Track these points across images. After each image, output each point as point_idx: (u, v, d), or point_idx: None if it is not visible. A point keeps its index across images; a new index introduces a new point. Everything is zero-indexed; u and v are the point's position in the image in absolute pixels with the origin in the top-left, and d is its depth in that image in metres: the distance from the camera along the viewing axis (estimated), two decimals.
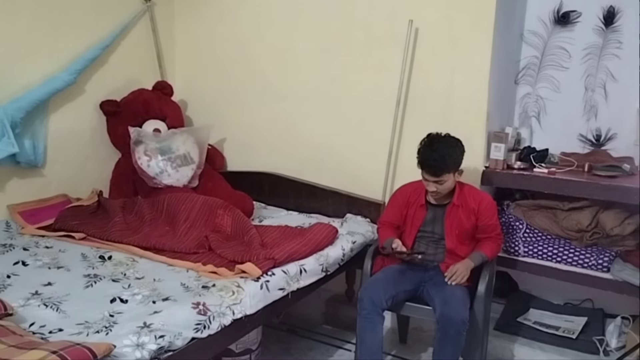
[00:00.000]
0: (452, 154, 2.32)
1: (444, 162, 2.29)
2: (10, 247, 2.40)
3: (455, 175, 2.36)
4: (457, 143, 2.37)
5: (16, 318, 1.73)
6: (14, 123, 2.60)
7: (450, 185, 2.37)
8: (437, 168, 2.29)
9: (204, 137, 3.26)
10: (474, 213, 2.42)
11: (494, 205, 2.49)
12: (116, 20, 3.14)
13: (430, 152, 2.30)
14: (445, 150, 2.30)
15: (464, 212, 2.42)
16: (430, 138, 2.35)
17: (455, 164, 2.33)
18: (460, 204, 2.42)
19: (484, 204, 2.44)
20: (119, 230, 2.57)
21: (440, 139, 2.35)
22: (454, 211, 2.43)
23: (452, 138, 2.37)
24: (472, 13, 2.70)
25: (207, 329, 1.85)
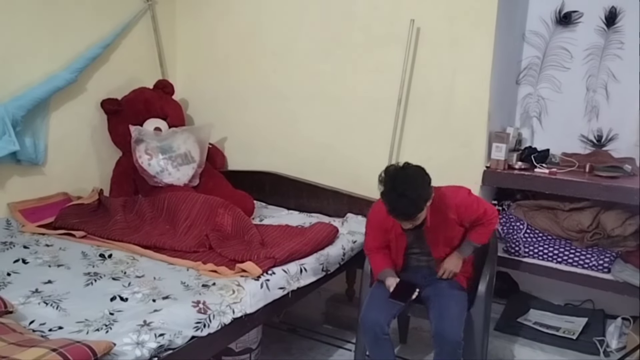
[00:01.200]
0: (422, 194, 2.05)
1: (416, 207, 2.04)
2: (10, 245, 2.40)
3: (429, 203, 2.10)
4: (422, 177, 2.08)
5: (16, 316, 1.73)
6: (15, 121, 2.59)
7: (425, 214, 2.14)
8: (409, 214, 2.06)
9: (204, 136, 3.26)
10: (456, 222, 2.26)
11: (469, 200, 2.27)
12: (117, 19, 3.14)
13: (398, 199, 2.02)
14: (414, 192, 2.01)
15: (444, 225, 2.25)
16: (392, 180, 2.04)
17: (427, 198, 2.07)
18: (436, 221, 2.21)
19: (462, 208, 2.24)
20: (119, 229, 2.57)
21: (403, 179, 2.03)
22: (432, 231, 2.25)
23: (415, 172, 2.08)
24: (473, 13, 2.69)
25: (207, 327, 1.84)
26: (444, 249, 2.33)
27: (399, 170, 2.08)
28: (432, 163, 2.82)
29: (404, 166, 2.09)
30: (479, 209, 2.27)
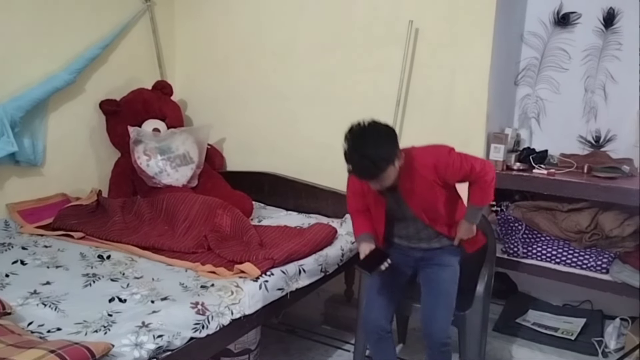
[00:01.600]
0: (384, 153, 1.91)
1: (377, 167, 1.91)
2: (9, 246, 2.39)
3: (396, 163, 1.96)
4: (386, 136, 1.95)
5: (15, 317, 1.73)
6: (14, 122, 2.59)
7: (393, 177, 2.00)
8: (371, 175, 1.95)
9: (203, 137, 3.26)
10: (436, 183, 2.08)
11: (450, 159, 2.08)
12: (116, 20, 3.14)
13: (358, 158, 1.91)
14: (375, 152, 1.89)
15: (422, 187, 2.08)
16: (354, 138, 1.93)
17: (389, 158, 1.93)
18: (413, 183, 2.07)
19: (441, 167, 2.06)
20: (118, 230, 2.57)
21: (365, 138, 1.93)
22: (410, 194, 2.11)
23: (378, 131, 1.95)
24: (472, 14, 2.70)
25: (206, 328, 1.84)
26: (430, 213, 2.17)
27: (362, 128, 1.94)
28: None
29: (369, 124, 1.95)
30: (463, 166, 2.07)
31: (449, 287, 2.22)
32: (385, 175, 1.95)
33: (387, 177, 1.97)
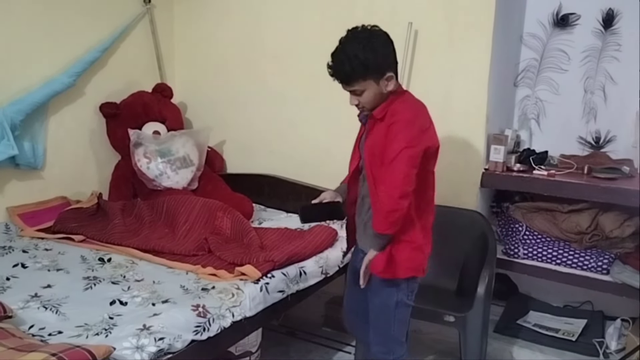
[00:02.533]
0: (363, 54, 1.73)
1: (351, 66, 1.74)
2: (9, 249, 2.40)
3: (382, 83, 1.79)
4: (374, 39, 1.77)
5: (15, 320, 1.73)
6: (14, 125, 2.59)
7: (373, 98, 1.81)
8: (343, 74, 1.78)
9: (203, 140, 3.27)
10: (388, 129, 1.80)
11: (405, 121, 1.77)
12: (116, 23, 3.14)
13: (337, 54, 1.78)
14: (354, 49, 1.74)
15: (382, 128, 1.82)
16: (346, 35, 1.81)
17: (368, 67, 1.74)
18: (382, 119, 1.83)
19: (396, 117, 1.78)
20: (118, 233, 2.56)
21: (354, 35, 1.79)
22: (374, 128, 1.85)
23: (371, 34, 1.79)
24: (471, 15, 2.70)
25: (207, 331, 1.84)
26: (371, 169, 1.85)
27: (358, 28, 1.81)
28: None
29: (366, 27, 1.81)
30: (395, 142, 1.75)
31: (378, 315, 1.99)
32: (360, 86, 1.78)
33: (363, 90, 1.79)
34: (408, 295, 1.96)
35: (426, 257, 1.95)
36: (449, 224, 2.72)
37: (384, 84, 1.80)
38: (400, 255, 1.86)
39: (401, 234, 1.84)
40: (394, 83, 1.82)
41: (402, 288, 1.93)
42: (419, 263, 1.92)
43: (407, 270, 1.89)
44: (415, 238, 1.88)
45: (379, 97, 1.82)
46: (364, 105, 1.85)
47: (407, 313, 2.01)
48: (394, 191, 1.74)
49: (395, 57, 1.86)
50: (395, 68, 1.85)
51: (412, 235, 1.87)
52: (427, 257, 1.96)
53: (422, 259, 1.93)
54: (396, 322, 1.97)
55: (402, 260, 1.86)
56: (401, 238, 1.85)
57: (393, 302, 1.93)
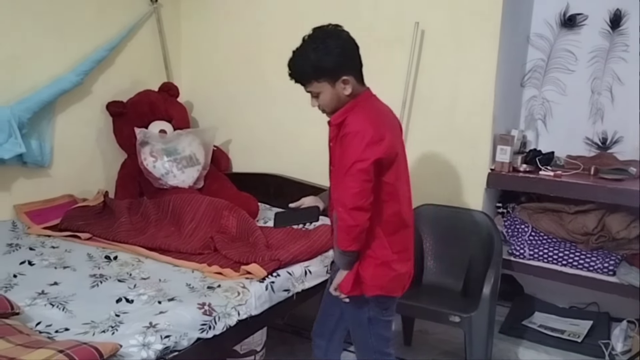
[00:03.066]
0: (315, 55, 1.71)
1: (302, 67, 1.74)
2: (16, 246, 2.41)
3: (338, 87, 1.74)
4: (330, 40, 1.73)
5: (23, 317, 1.74)
6: (21, 123, 2.60)
7: (330, 101, 1.77)
8: (296, 74, 1.77)
9: (209, 139, 3.27)
10: (342, 140, 1.76)
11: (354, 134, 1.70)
12: (123, 22, 3.15)
13: (293, 54, 1.78)
14: (307, 49, 1.73)
15: (339, 137, 1.79)
16: (306, 38, 1.79)
17: (320, 69, 1.71)
18: (338, 126, 1.79)
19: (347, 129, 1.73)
20: (124, 231, 2.57)
21: (311, 34, 1.77)
22: (335, 135, 1.82)
23: (327, 33, 1.77)
24: (478, 16, 2.69)
25: (213, 329, 1.85)
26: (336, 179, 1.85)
27: (319, 28, 1.79)
28: (436, 166, 2.87)
29: (326, 27, 1.79)
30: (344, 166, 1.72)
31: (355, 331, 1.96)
32: (314, 87, 1.76)
33: (318, 92, 1.77)
34: (381, 312, 1.88)
35: (399, 275, 1.85)
36: (454, 225, 2.73)
37: (340, 87, 1.75)
38: (365, 272, 1.79)
39: (366, 249, 1.78)
40: (352, 87, 1.75)
41: (371, 306, 1.86)
42: (387, 281, 1.83)
43: (373, 288, 1.81)
44: (381, 254, 1.80)
45: (336, 101, 1.78)
46: (323, 108, 1.82)
47: (385, 327, 1.93)
48: (348, 206, 1.69)
49: (355, 60, 1.79)
50: (354, 71, 1.78)
51: (376, 250, 1.79)
52: (401, 275, 1.85)
53: (392, 277, 1.83)
54: (373, 337, 1.90)
55: (367, 277, 1.79)
56: (365, 253, 1.79)
57: (365, 319, 1.88)
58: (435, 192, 2.82)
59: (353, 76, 1.76)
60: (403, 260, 1.86)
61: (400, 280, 1.87)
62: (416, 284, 2.69)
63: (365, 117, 1.74)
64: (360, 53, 1.81)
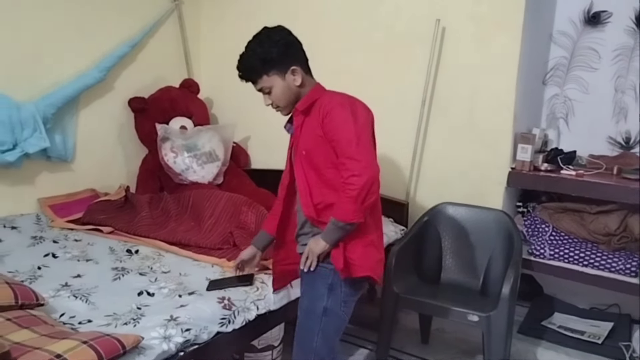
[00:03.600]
0: (261, 48, 1.73)
1: (250, 62, 1.75)
2: (40, 239, 2.45)
3: (288, 78, 1.76)
4: (273, 34, 1.76)
5: (47, 308, 1.77)
6: (46, 118, 2.65)
7: (282, 94, 1.78)
8: (245, 71, 1.79)
9: (229, 135, 3.30)
10: (321, 137, 1.73)
11: (340, 115, 1.70)
12: (145, 18, 3.18)
13: (243, 53, 1.79)
14: (253, 46, 1.75)
15: (313, 122, 1.76)
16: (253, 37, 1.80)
17: (267, 61, 1.73)
18: (308, 113, 1.79)
19: (327, 117, 1.71)
20: (145, 225, 2.60)
21: (255, 35, 1.78)
22: (304, 126, 1.79)
23: (269, 30, 1.78)
24: (500, 13, 2.67)
25: (232, 323, 1.86)
26: (304, 169, 1.79)
27: (265, 27, 1.80)
28: (456, 164, 2.86)
29: (272, 28, 1.80)
30: (341, 139, 1.68)
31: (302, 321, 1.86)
32: (265, 83, 1.77)
33: (270, 88, 1.78)
34: (340, 305, 1.80)
35: (382, 260, 1.84)
36: (473, 224, 2.71)
37: (290, 78, 1.77)
38: (352, 252, 1.75)
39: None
40: (301, 77, 1.78)
41: (335, 293, 1.78)
42: (375, 262, 1.80)
43: (363, 268, 1.77)
44: (366, 233, 1.77)
45: (288, 93, 1.79)
46: (277, 105, 1.83)
47: (336, 327, 1.82)
48: (365, 175, 1.65)
49: (300, 51, 1.82)
50: (301, 63, 1.81)
51: (362, 230, 1.76)
52: (382, 261, 1.84)
53: (378, 259, 1.82)
54: (320, 333, 1.79)
55: (355, 257, 1.76)
56: (352, 233, 1.74)
57: (320, 308, 1.79)
58: (454, 190, 2.81)
59: (300, 67, 1.79)
60: (381, 243, 1.87)
61: (382, 266, 1.85)
62: (434, 282, 2.70)
63: (339, 94, 1.80)
64: (304, 49, 1.84)
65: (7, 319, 1.58)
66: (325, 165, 1.75)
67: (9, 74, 2.58)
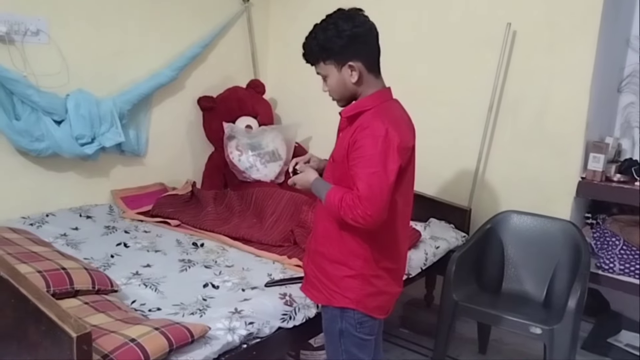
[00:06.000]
0: (323, 35, 1.62)
1: (310, 45, 1.66)
2: (113, 229, 2.57)
3: (344, 72, 1.64)
4: (343, 22, 1.62)
5: (120, 295, 1.87)
6: (122, 114, 2.78)
7: (336, 86, 1.68)
8: (305, 52, 1.69)
9: (291, 135, 3.35)
10: (350, 142, 1.61)
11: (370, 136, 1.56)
12: (216, 20, 3.28)
13: (309, 34, 1.69)
14: (318, 28, 1.65)
15: (347, 135, 1.65)
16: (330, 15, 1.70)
17: (324, 49, 1.63)
18: (351, 122, 1.67)
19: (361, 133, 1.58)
20: (210, 220, 2.69)
21: (329, 15, 1.67)
22: (343, 131, 1.71)
23: (343, 14, 1.66)
24: (575, 17, 2.59)
25: (293, 319, 1.90)
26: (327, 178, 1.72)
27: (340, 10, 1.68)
28: (523, 171, 2.79)
29: (346, 9, 1.68)
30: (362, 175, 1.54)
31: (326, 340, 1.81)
32: (321, 69, 1.68)
33: (325, 75, 1.69)
34: (356, 327, 1.70)
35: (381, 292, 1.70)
36: (538, 233, 2.64)
37: (346, 73, 1.64)
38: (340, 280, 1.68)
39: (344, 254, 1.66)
40: (359, 75, 1.64)
41: (348, 315, 1.69)
42: (363, 296, 1.67)
43: (344, 299, 1.67)
44: (360, 265, 1.66)
45: (342, 87, 1.67)
46: (332, 95, 1.73)
47: (360, 347, 1.73)
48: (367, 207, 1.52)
49: (367, 46, 1.66)
50: (365, 59, 1.65)
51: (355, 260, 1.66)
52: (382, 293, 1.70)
53: (370, 293, 1.68)
54: (344, 354, 1.73)
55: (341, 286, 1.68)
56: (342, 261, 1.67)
57: (336, 331, 1.72)
58: (520, 198, 2.74)
59: (363, 63, 1.64)
60: (390, 278, 1.72)
61: (382, 300, 1.72)
62: (495, 291, 2.64)
63: (384, 117, 1.60)
64: (378, 42, 1.69)
65: (85, 302, 1.69)
66: (341, 181, 1.65)
67: (92, 71, 2.73)
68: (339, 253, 1.68)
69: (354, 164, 1.57)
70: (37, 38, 2.51)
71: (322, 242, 1.73)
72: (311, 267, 1.79)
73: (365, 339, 1.73)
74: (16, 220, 2.43)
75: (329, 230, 1.69)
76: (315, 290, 1.77)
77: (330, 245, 1.69)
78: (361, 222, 1.53)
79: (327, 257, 1.71)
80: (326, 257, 1.71)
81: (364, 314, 1.69)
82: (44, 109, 2.49)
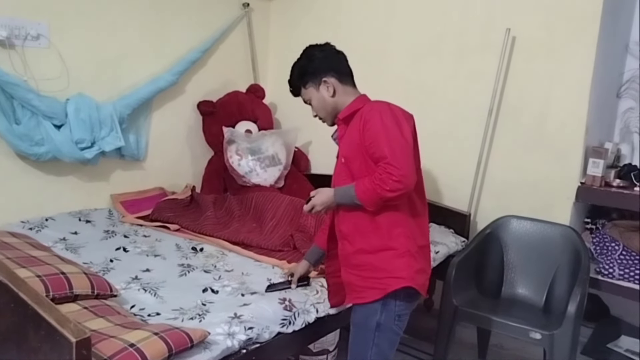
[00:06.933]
0: (299, 63, 1.87)
1: (290, 78, 1.89)
2: (112, 233, 2.57)
3: (322, 89, 1.82)
4: (313, 49, 1.87)
5: (119, 299, 1.85)
6: (122, 119, 2.78)
7: (319, 104, 1.85)
8: (290, 87, 1.92)
9: (291, 140, 3.35)
10: (359, 145, 1.71)
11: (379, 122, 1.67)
12: (216, 25, 3.29)
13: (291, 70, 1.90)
14: (295, 63, 1.89)
15: (352, 131, 1.76)
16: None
17: (304, 74, 1.84)
18: (349, 120, 1.80)
19: (367, 123, 1.69)
20: (210, 224, 2.69)
21: (304, 50, 1.90)
22: (345, 133, 1.81)
23: (312, 46, 1.89)
24: (574, 22, 2.60)
25: (292, 324, 1.89)
26: (345, 182, 1.77)
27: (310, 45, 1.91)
28: (522, 176, 2.79)
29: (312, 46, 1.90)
30: (382, 145, 1.63)
31: (355, 338, 1.85)
32: (305, 96, 1.88)
33: (308, 100, 1.87)
34: (394, 319, 1.75)
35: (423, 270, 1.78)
36: (538, 238, 2.64)
37: (323, 89, 1.83)
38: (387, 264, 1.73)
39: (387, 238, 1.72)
40: (334, 88, 1.82)
41: (389, 308, 1.74)
42: (414, 272, 1.73)
43: (397, 281, 1.70)
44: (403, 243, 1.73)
45: (323, 104, 1.85)
46: (320, 117, 1.90)
47: (390, 342, 1.79)
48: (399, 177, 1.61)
49: (338, 64, 1.86)
50: (336, 74, 1.83)
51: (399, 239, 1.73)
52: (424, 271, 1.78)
53: (417, 269, 1.74)
54: (374, 348, 1.76)
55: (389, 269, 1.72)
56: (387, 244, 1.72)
57: (373, 324, 1.75)
58: (520, 203, 2.75)
59: (335, 78, 1.83)
60: (425, 256, 1.81)
61: (424, 278, 1.78)
62: (494, 296, 2.64)
63: (380, 103, 1.77)
64: (348, 63, 1.89)
65: (84, 307, 1.68)
66: (360, 174, 1.72)
67: (92, 75, 2.74)
68: (379, 240, 1.73)
69: (371, 142, 1.66)
70: (38, 42, 2.51)
71: (358, 239, 1.77)
72: (352, 273, 1.81)
73: (398, 335, 1.81)
74: (16, 224, 2.43)
75: (361, 225, 1.76)
76: (365, 291, 1.77)
77: (368, 238, 1.75)
78: (400, 187, 1.60)
79: (369, 250, 1.75)
80: (368, 251, 1.75)
81: (415, 290, 1.73)
82: (44, 113, 2.49)
